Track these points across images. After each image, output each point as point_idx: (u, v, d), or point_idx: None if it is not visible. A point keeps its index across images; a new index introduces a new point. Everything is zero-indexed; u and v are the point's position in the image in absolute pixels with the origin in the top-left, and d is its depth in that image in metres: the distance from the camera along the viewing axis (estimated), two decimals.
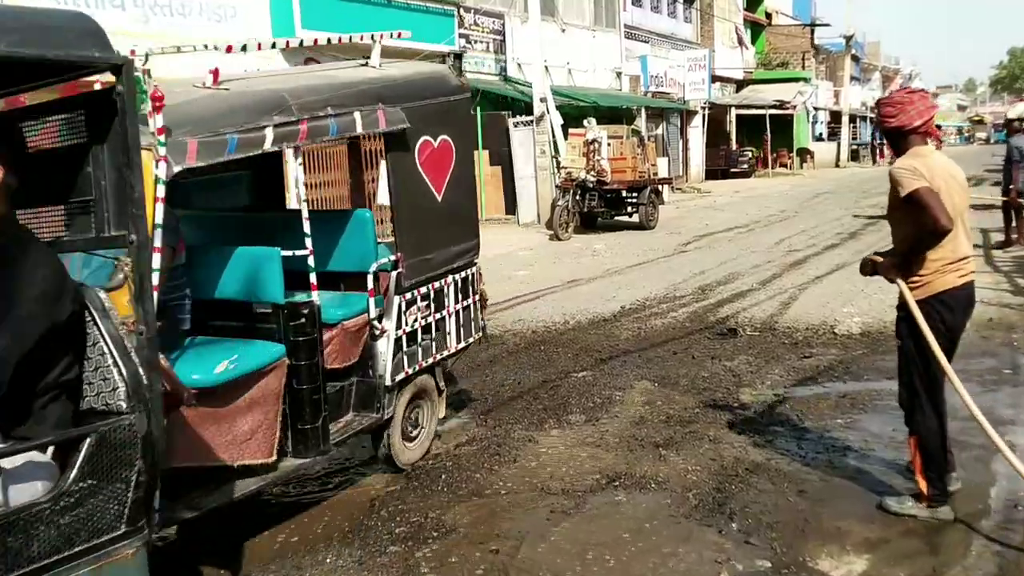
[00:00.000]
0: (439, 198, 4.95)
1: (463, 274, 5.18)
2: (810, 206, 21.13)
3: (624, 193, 17.30)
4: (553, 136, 18.23)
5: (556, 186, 16.96)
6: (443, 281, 4.95)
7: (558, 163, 17.84)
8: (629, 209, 17.50)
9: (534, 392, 6.22)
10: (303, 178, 4.13)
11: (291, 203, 5.91)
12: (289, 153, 4.12)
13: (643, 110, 26.06)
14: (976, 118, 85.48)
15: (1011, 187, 11.34)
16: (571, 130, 17.72)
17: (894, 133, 3.92)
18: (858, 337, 7.49)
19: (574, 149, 17.04)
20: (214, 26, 13.96)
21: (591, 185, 16.41)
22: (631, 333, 7.97)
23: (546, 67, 19.06)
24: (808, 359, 6.79)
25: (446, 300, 5.00)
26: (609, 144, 16.75)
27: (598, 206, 16.83)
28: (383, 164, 14.30)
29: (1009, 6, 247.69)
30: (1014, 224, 11.82)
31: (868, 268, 4.08)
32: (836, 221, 17.19)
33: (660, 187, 18.42)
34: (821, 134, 43.89)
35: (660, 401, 5.85)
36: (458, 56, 17.59)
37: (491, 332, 8.30)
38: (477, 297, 5.37)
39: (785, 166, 37.30)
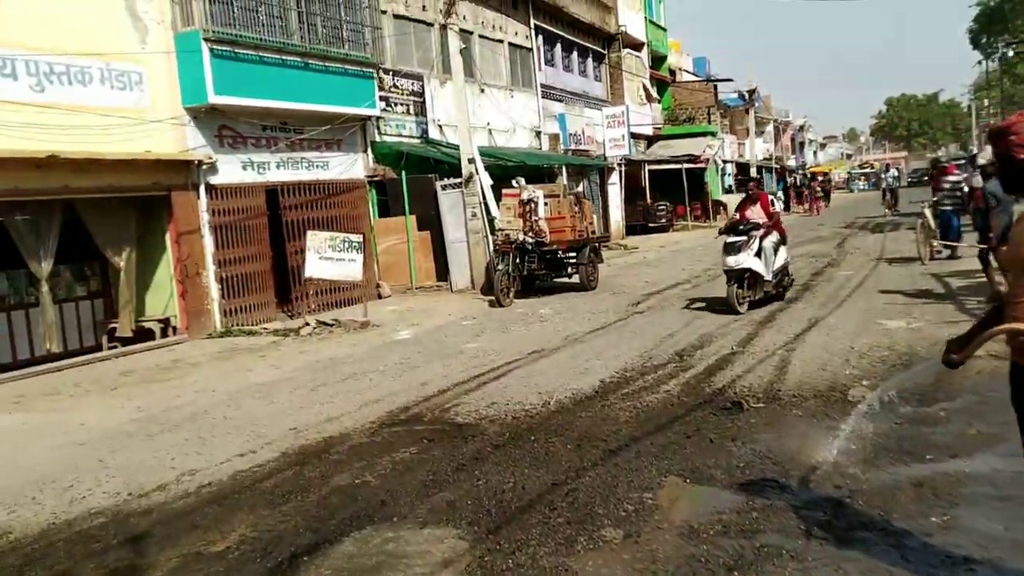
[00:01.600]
0: None
1: None
2: None
3: (562, 253, 16.59)
4: (484, 198, 17.45)
5: (494, 249, 16.12)
6: None
7: (492, 225, 17.05)
8: (569, 270, 16.77)
9: (546, 499, 5.22)
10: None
11: None
12: None
13: (564, 168, 25.67)
14: (866, 165, 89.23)
15: (990, 235, 11.08)
16: (504, 191, 16.98)
17: None
18: (876, 405, 6.77)
19: (509, 210, 16.28)
20: (118, 94, 12.74)
21: (529, 247, 15.64)
22: (629, 415, 7.06)
23: (468, 131, 18.34)
24: (841, 438, 6.00)
25: None
26: (546, 204, 16.06)
27: (538, 268, 16.05)
28: (308, 238, 13.19)
29: (883, 59, 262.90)
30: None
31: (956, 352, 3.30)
32: None
33: (599, 245, 17.78)
34: (730, 186, 44.57)
35: (704, 504, 4.94)
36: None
37: (464, 421, 7.39)
38: None
39: (698, 219, 37.54)
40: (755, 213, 12.41)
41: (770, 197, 12.75)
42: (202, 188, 14.18)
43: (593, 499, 5.13)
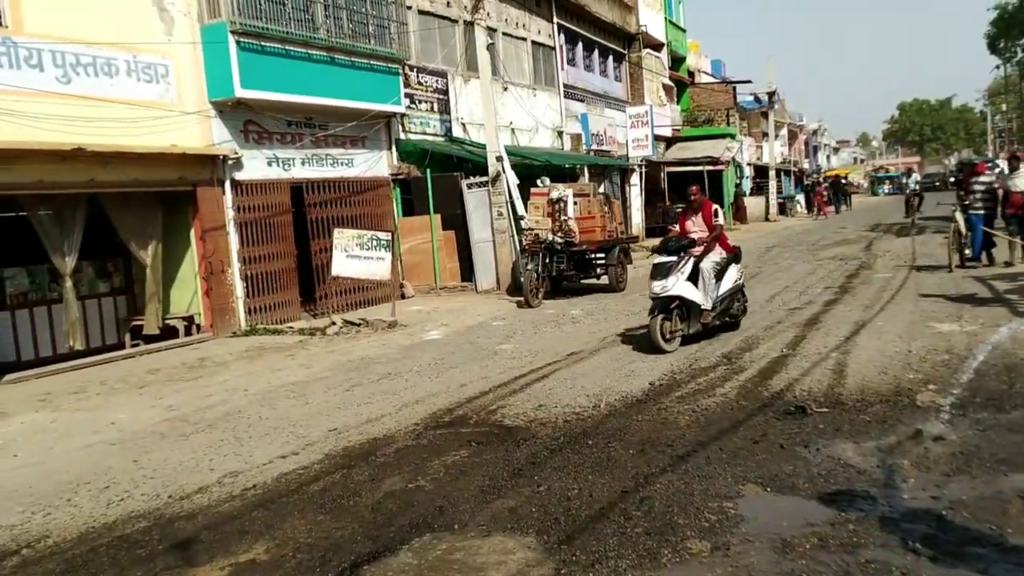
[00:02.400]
0: None
1: None
2: (770, 261, 20.48)
3: (591, 254, 16.28)
4: (511, 197, 17.15)
5: (522, 249, 15.79)
6: None
7: (519, 225, 16.75)
8: (598, 271, 16.45)
9: (619, 508, 4.91)
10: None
11: None
12: None
13: (586, 169, 25.36)
14: (881, 170, 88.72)
15: None
16: (533, 190, 16.68)
17: None
18: (950, 410, 6.44)
19: (537, 210, 15.98)
20: (144, 86, 12.49)
21: (559, 247, 15.33)
22: (688, 419, 6.74)
23: (495, 129, 18.02)
24: (923, 445, 5.67)
25: None
26: (575, 203, 15.75)
27: (567, 269, 15.72)
28: (335, 235, 12.94)
29: (897, 64, 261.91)
30: None
31: None
32: (811, 275, 16.49)
33: (628, 246, 17.45)
34: (748, 189, 44.16)
35: (791, 515, 4.62)
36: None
37: (513, 424, 7.09)
38: None
39: None
40: (696, 225, 10.32)
41: (715, 207, 10.36)
42: (227, 184, 13.93)
43: (670, 508, 4.81)
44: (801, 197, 48.04)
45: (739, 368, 8.48)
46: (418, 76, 18.64)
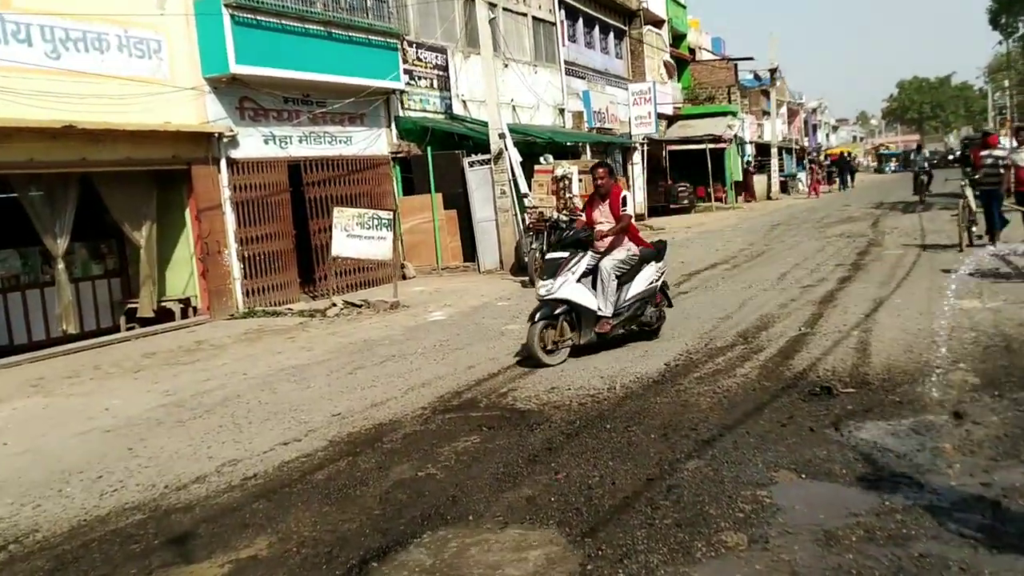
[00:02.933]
0: None
1: None
2: (777, 239, 20.14)
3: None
4: (513, 175, 16.78)
5: (526, 228, 15.42)
6: None
7: (522, 204, 16.38)
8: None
9: (644, 497, 4.60)
10: None
11: None
12: None
13: (587, 147, 24.97)
14: (884, 148, 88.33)
15: None
16: (537, 167, 16.31)
17: None
18: (986, 390, 6.13)
19: (541, 187, 15.62)
20: (136, 62, 12.11)
21: (564, 225, 14.93)
22: (710, 400, 6.43)
23: (497, 106, 17.60)
24: (963, 427, 5.36)
25: None
26: (580, 180, 15.37)
27: None
28: (335, 214, 12.58)
29: (895, 41, 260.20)
30: None
31: None
32: (820, 252, 16.17)
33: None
34: (750, 165, 43.74)
35: (831, 504, 4.31)
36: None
37: (524, 407, 6.77)
38: None
39: (720, 200, 36.78)
40: (603, 215, 8.76)
41: (624, 194, 8.74)
42: (223, 162, 13.56)
43: (700, 497, 4.50)
44: (803, 175, 47.62)
45: (757, 348, 8.16)
46: (417, 52, 18.22)
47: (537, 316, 8.03)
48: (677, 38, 39.30)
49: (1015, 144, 15.07)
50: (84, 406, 8.19)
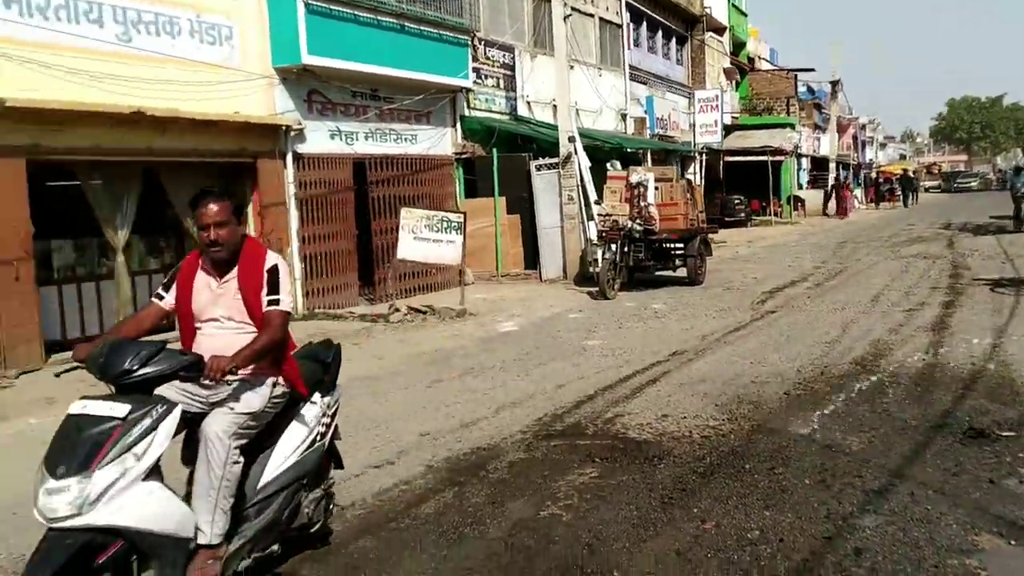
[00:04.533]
0: None
1: None
2: (849, 257, 19.26)
3: (671, 244, 15.21)
4: (582, 181, 16.11)
5: (598, 236, 14.70)
6: None
7: (589, 211, 15.71)
8: (677, 262, 15.39)
9: (828, 561, 3.89)
10: None
11: None
12: None
13: (648, 154, 24.23)
14: (933, 167, 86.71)
15: None
16: (610, 173, 15.63)
17: None
18: None
19: (614, 195, 14.92)
20: (207, 48, 11.61)
21: (638, 235, 14.27)
22: (856, 439, 5.70)
23: (567, 107, 16.95)
24: None
25: None
26: (656, 188, 14.67)
27: (645, 258, 14.64)
28: (402, 215, 11.98)
29: (945, 61, 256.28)
30: None
31: None
32: (905, 274, 15.31)
33: (708, 237, 16.35)
34: (805, 181, 42.72)
35: None
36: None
37: (639, 437, 6.09)
38: None
39: (776, 214, 35.82)
40: (223, 309, 3.91)
41: (275, 262, 3.88)
42: (289, 157, 13.03)
43: (901, 565, 3.79)
44: (859, 191, 46.48)
45: (884, 380, 7.40)
46: (486, 50, 17.63)
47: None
48: (737, 46, 38.43)
49: None
50: None
